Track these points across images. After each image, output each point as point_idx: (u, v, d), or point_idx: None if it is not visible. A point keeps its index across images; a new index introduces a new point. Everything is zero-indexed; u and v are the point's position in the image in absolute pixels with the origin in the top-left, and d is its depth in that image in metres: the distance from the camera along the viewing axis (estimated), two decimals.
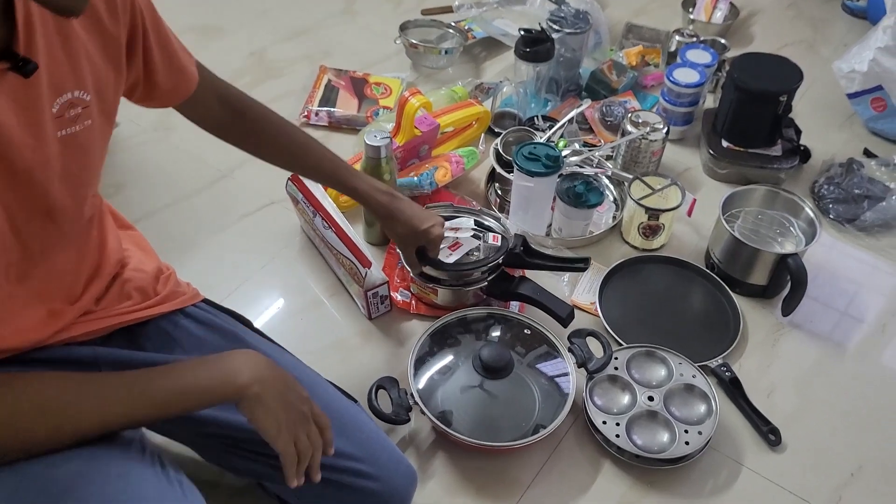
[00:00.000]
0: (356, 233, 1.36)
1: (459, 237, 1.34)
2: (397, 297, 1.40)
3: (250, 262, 1.47)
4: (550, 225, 1.53)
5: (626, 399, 1.24)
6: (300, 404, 0.92)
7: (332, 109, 1.74)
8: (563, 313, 1.28)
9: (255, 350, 0.99)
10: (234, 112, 1.12)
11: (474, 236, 1.36)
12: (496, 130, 1.71)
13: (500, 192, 1.59)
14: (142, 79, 0.94)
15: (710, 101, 1.80)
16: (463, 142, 1.69)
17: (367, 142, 1.35)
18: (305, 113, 1.74)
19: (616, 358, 1.27)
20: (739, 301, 1.42)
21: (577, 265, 1.33)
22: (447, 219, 1.39)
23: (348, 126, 1.74)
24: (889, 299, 1.47)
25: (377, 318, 1.38)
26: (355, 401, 1.13)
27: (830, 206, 1.60)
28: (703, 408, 1.22)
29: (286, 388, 0.91)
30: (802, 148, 1.65)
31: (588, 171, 1.49)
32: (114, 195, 1.57)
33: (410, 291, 1.40)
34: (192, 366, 0.89)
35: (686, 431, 1.18)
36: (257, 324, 1.32)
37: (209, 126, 1.12)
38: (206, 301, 1.12)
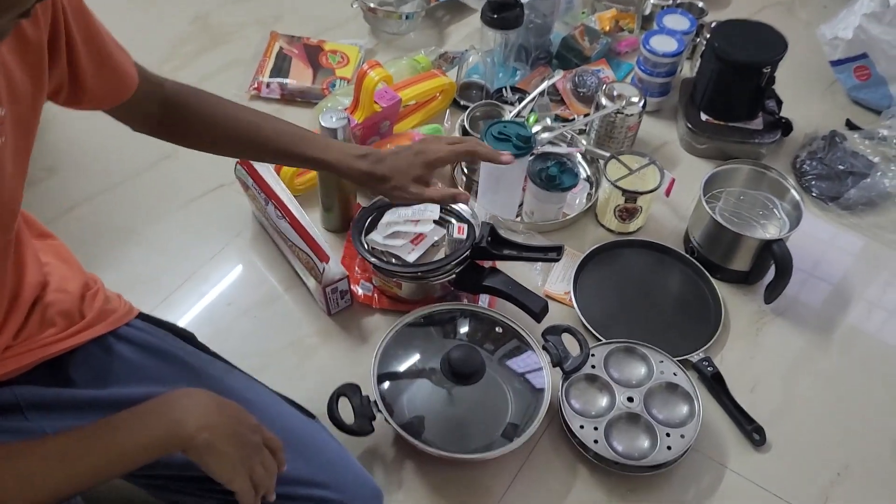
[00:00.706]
0: (313, 222, 1.26)
1: (423, 230, 1.24)
2: (358, 290, 1.30)
3: (197, 253, 1.35)
4: (522, 205, 1.43)
5: (604, 400, 1.16)
6: (251, 435, 0.83)
7: (285, 80, 1.61)
8: (536, 308, 1.20)
9: (198, 377, 0.89)
10: (176, 110, 0.99)
11: (440, 221, 1.27)
12: (462, 103, 1.60)
13: (466, 171, 1.49)
14: (66, 83, 0.82)
15: (687, 69, 1.70)
16: (427, 115, 1.58)
17: (323, 124, 1.23)
18: (255, 85, 1.61)
19: (593, 355, 1.20)
20: (720, 288, 1.35)
21: (549, 255, 1.23)
22: (411, 203, 1.29)
23: (303, 99, 1.61)
24: (874, 283, 1.40)
25: (337, 314, 1.28)
26: (313, 417, 1.04)
27: (813, 182, 1.52)
28: (685, 408, 1.15)
29: (237, 424, 0.82)
30: (784, 121, 1.57)
31: (561, 150, 1.39)
32: (45, 180, 1.44)
33: (372, 284, 1.30)
34: (130, 420, 0.78)
35: (668, 435, 1.12)
36: (205, 324, 1.23)
37: (147, 129, 1.00)
38: (141, 316, 1.01)
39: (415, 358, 1.16)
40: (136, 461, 0.77)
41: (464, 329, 1.20)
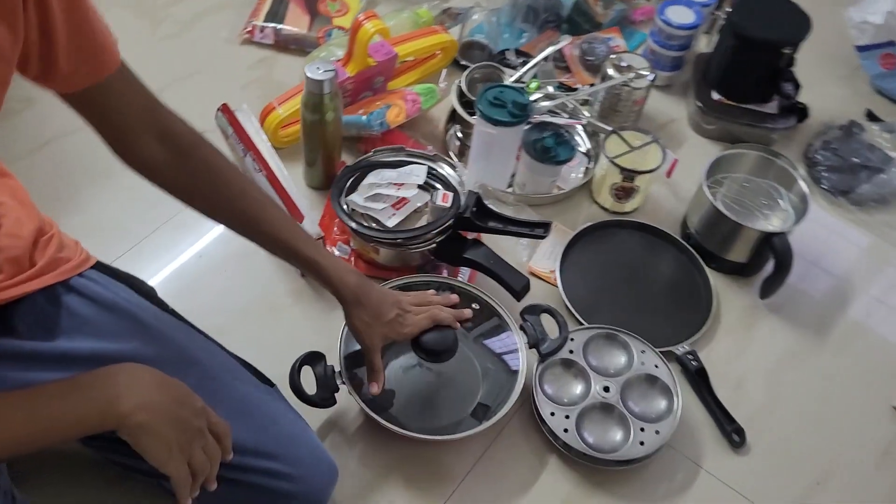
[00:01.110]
0: (295, 177, 1.20)
1: (406, 195, 1.18)
2: (335, 252, 1.24)
3: (172, 201, 1.29)
4: (515, 175, 1.37)
5: (579, 388, 1.11)
6: (194, 419, 0.78)
7: (280, 26, 1.53)
8: (516, 285, 1.14)
9: (150, 335, 0.87)
10: (177, 153, 0.89)
11: (425, 187, 1.21)
12: (462, 63, 1.52)
13: (460, 136, 1.42)
14: (36, 44, 0.73)
15: (704, 45, 1.61)
16: (425, 73, 1.51)
17: (309, 75, 1.16)
18: (249, 28, 1.53)
19: (572, 339, 1.14)
20: (714, 278, 1.29)
21: (535, 231, 1.17)
22: (397, 165, 1.23)
23: (297, 46, 1.54)
24: (877, 284, 1.34)
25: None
26: (272, 384, 1.00)
27: (824, 174, 1.45)
28: (663, 403, 1.10)
29: (178, 406, 0.77)
30: (800, 106, 1.49)
31: (560, 121, 1.32)
32: (22, 111, 1.37)
33: (350, 247, 1.24)
34: (64, 391, 0.74)
35: (642, 430, 1.06)
36: (173, 276, 1.18)
37: (141, 167, 0.90)
38: (98, 266, 0.96)
39: None
40: (67, 434, 0.74)
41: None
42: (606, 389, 1.10)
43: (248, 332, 1.15)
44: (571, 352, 1.13)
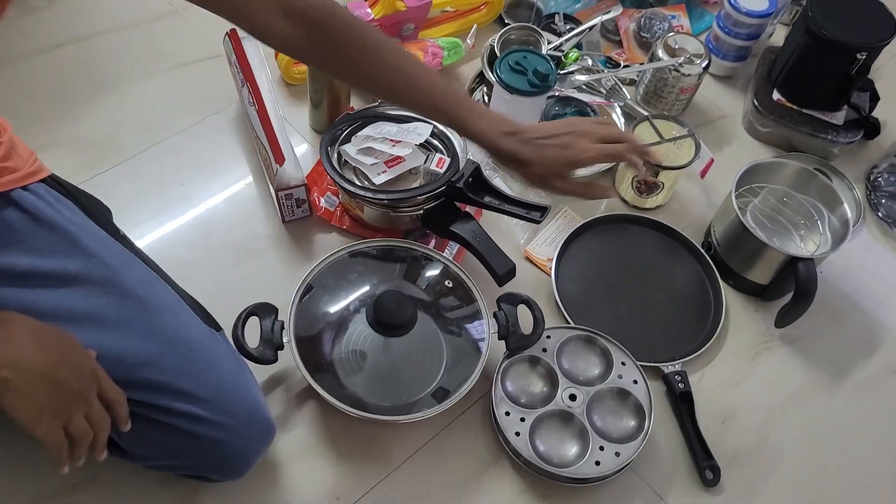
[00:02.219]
0: (298, 118, 1.12)
1: (400, 153, 1.09)
2: (321, 202, 1.17)
3: (170, 122, 1.24)
4: None
5: (542, 391, 1.02)
6: (75, 381, 0.73)
7: None
8: (499, 269, 1.05)
9: (87, 258, 0.83)
10: (305, 28, 0.85)
11: (426, 146, 1.12)
12: (507, 22, 1.41)
13: (487, 100, 1.31)
14: None
15: (779, 35, 1.45)
16: (464, 27, 1.40)
17: None
18: None
19: (548, 337, 1.05)
20: (729, 296, 1.17)
21: (530, 215, 1.07)
22: (402, 120, 1.15)
23: None
24: None
25: (292, 223, 1.16)
26: (219, 329, 0.94)
27: (883, 200, 1.29)
28: (632, 423, 1.00)
29: (56, 366, 0.72)
30: (871, 120, 1.32)
31: (587, 98, 1.20)
32: (42, 9, 1.34)
33: (338, 199, 1.17)
34: None
35: (601, 449, 0.97)
36: (151, 200, 1.15)
37: (270, 44, 0.89)
38: (51, 180, 0.91)
39: (350, 292, 1.04)
40: None
41: (414, 274, 1.07)
42: (573, 398, 1.00)
43: (211, 271, 1.10)
44: (545, 350, 1.04)
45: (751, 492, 1.01)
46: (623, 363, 1.03)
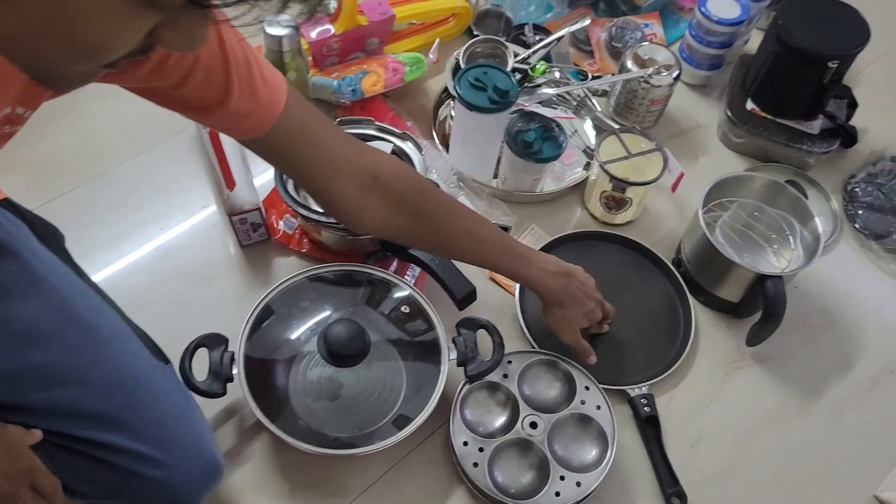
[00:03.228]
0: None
1: None
2: (280, 225, 1.14)
3: (125, 145, 1.22)
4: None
5: (502, 418, 0.99)
6: (4, 482, 0.73)
7: None
8: (459, 293, 1.02)
9: (37, 285, 0.81)
10: (386, 202, 0.88)
11: None
12: (476, 33, 1.38)
13: (454, 115, 1.28)
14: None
15: (755, 42, 1.41)
16: (433, 40, 1.36)
17: (267, 31, 1.06)
18: None
19: (510, 362, 1.02)
20: (700, 313, 1.14)
21: None
22: (361, 139, 1.11)
23: None
24: (894, 348, 1.15)
25: (250, 247, 1.13)
26: (167, 362, 0.92)
27: (860, 211, 1.25)
28: (594, 452, 0.97)
29: None
30: (849, 129, 1.29)
31: (550, 113, 1.17)
32: None
33: (297, 221, 1.15)
34: None
35: (562, 478, 0.94)
36: (104, 226, 1.13)
37: (346, 219, 0.92)
38: (6, 202, 0.88)
39: (306, 319, 1.02)
40: None
41: (373, 299, 1.04)
42: (534, 425, 0.97)
43: (166, 298, 1.08)
44: (506, 375, 1.01)
45: None
46: (587, 388, 1.00)
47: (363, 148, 0.88)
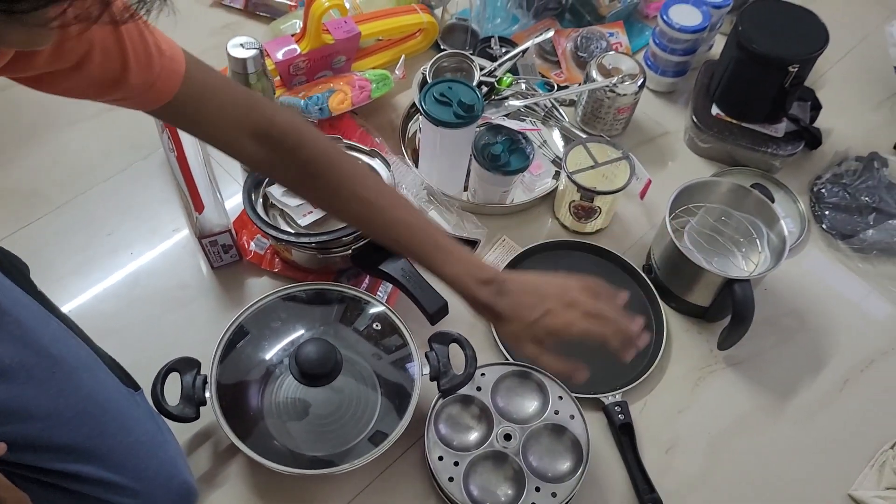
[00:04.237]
0: (220, 158, 1.10)
1: None
2: (251, 246, 1.14)
3: (98, 169, 1.22)
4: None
5: (476, 432, 1.00)
6: None
7: None
8: (430, 307, 1.02)
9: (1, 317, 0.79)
10: (279, 153, 0.84)
11: None
12: (443, 48, 1.39)
13: (422, 131, 1.29)
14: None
15: (719, 47, 1.42)
16: (399, 55, 1.38)
17: (231, 53, 1.06)
18: None
19: (483, 375, 1.02)
20: (671, 319, 1.15)
21: None
22: None
23: (266, 14, 1.43)
24: (865, 345, 1.16)
25: (221, 268, 1.14)
26: (137, 388, 0.92)
27: (827, 212, 1.27)
28: (568, 462, 0.97)
29: None
30: (813, 131, 1.30)
31: (515, 125, 1.18)
32: None
33: (268, 242, 1.15)
34: None
35: (537, 489, 0.94)
36: (76, 251, 1.13)
37: (246, 165, 0.94)
38: None
39: (278, 339, 1.02)
40: None
41: (345, 317, 1.04)
42: (508, 437, 0.98)
43: (138, 323, 1.08)
44: (479, 389, 1.01)
45: None
46: (560, 397, 1.01)
47: (263, 103, 0.85)
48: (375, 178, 0.90)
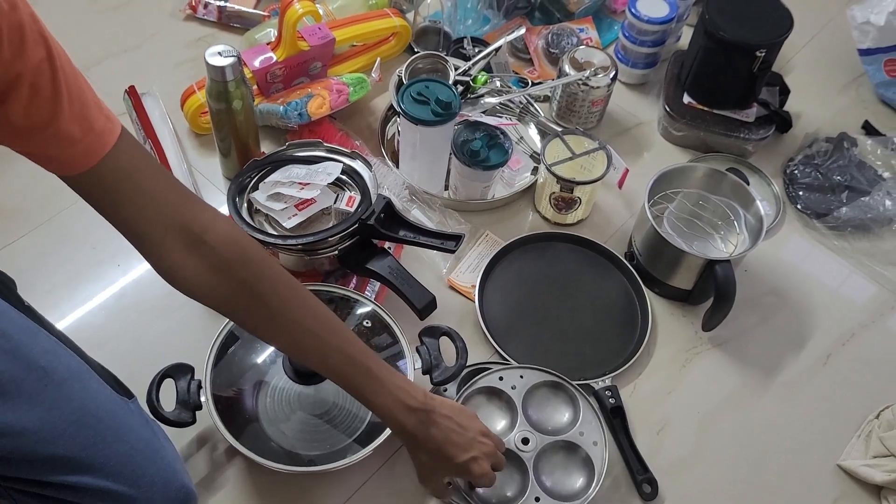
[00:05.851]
0: (211, 168, 1.10)
1: (309, 196, 1.08)
2: None
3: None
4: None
5: (495, 428, 1.01)
6: None
7: (224, 3, 1.44)
8: (419, 303, 1.04)
9: None
10: (212, 268, 0.78)
11: (338, 184, 1.11)
12: (417, 50, 1.40)
13: (401, 131, 1.31)
14: None
15: (687, 38, 1.45)
16: (373, 59, 1.39)
17: (209, 61, 1.07)
18: (191, 3, 1.44)
19: (522, 377, 1.03)
20: (656, 303, 1.17)
21: (445, 245, 1.06)
22: (312, 161, 1.13)
23: (240, 25, 1.44)
24: (845, 320, 1.19)
25: None
26: (131, 396, 0.92)
27: (801, 193, 1.30)
28: (580, 481, 0.97)
29: None
30: (783, 115, 1.33)
31: (492, 121, 1.20)
32: None
33: None
34: None
35: (537, 500, 0.95)
36: (61, 264, 1.13)
37: (167, 277, 0.80)
38: None
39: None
40: None
41: None
42: (525, 441, 0.98)
43: (127, 332, 1.08)
44: (514, 387, 1.02)
45: (690, 501, 1.01)
46: (591, 420, 1.00)
47: (200, 206, 0.77)
48: (315, 302, 0.84)
